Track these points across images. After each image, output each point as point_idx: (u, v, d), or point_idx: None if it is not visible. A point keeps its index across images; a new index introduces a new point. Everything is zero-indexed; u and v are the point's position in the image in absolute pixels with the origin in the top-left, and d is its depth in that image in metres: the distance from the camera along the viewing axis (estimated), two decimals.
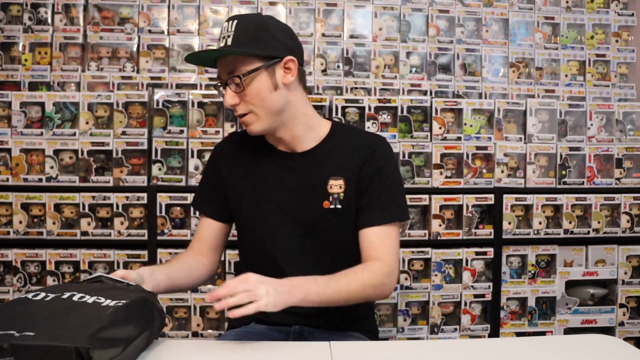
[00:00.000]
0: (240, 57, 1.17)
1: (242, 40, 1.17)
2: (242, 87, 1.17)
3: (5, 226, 1.96)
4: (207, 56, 1.28)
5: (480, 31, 2.36)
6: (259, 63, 1.18)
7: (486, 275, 2.12)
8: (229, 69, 1.18)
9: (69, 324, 0.84)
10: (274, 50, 1.20)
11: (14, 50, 2.19)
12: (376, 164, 1.27)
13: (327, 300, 1.12)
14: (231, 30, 1.18)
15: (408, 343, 1.12)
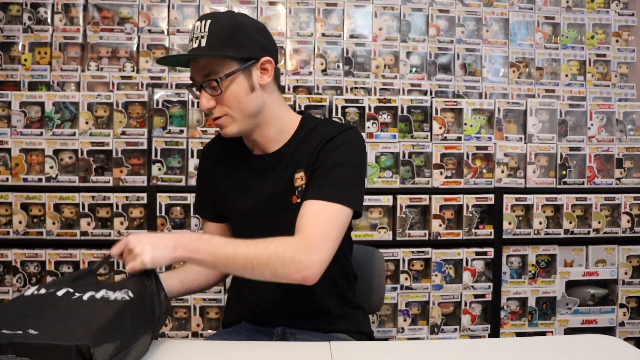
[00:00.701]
0: (216, 60, 1.12)
1: (217, 41, 1.11)
2: (220, 91, 1.13)
3: (5, 226, 1.96)
4: (181, 58, 1.21)
5: (480, 31, 2.36)
6: (236, 65, 1.13)
7: (486, 276, 2.12)
8: (204, 72, 1.13)
9: (72, 321, 0.84)
10: (249, 51, 1.14)
11: (13, 50, 2.19)
12: (330, 148, 1.19)
13: (222, 262, 1.06)
14: (204, 31, 1.11)
15: (408, 343, 1.12)
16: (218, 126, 1.20)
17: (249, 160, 1.28)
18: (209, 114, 1.18)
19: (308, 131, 1.24)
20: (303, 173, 1.20)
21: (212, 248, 1.06)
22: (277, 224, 1.19)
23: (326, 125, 1.27)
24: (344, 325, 1.29)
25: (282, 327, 1.26)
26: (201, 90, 1.14)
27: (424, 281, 2.08)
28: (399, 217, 2.06)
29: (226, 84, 1.13)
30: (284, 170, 1.23)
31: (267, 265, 1.04)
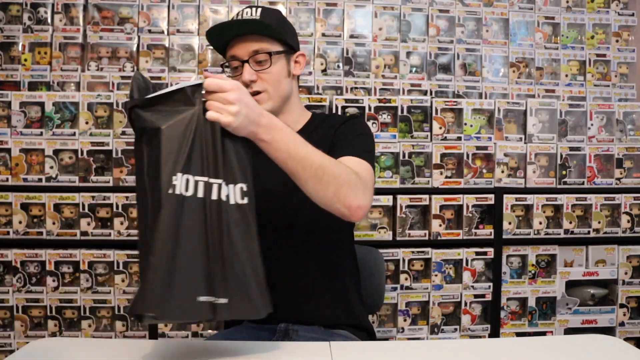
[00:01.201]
0: (266, 38, 1.23)
1: (269, 25, 1.23)
2: (269, 64, 1.23)
3: (4, 226, 1.96)
4: (240, 27, 1.25)
5: (480, 31, 2.36)
6: (282, 48, 1.26)
7: (486, 276, 2.12)
8: (254, 47, 1.22)
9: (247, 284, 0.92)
10: (292, 41, 1.30)
11: (13, 50, 2.19)
12: (347, 126, 1.31)
13: (296, 158, 1.03)
14: (256, 15, 1.24)
15: (408, 343, 1.12)
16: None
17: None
18: (248, 87, 1.22)
19: (319, 122, 1.36)
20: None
21: (292, 143, 1.03)
22: (292, 204, 1.23)
23: (336, 115, 1.47)
24: (346, 321, 1.31)
25: (285, 324, 1.26)
26: (244, 65, 1.23)
27: (424, 281, 2.08)
28: (399, 217, 2.06)
29: (274, 60, 1.24)
30: None
31: (335, 179, 1.05)
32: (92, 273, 1.98)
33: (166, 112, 0.91)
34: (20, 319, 1.96)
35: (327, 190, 1.05)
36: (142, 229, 0.96)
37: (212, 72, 2.22)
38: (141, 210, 0.96)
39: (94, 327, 1.99)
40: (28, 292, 1.96)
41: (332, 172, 1.05)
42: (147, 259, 0.90)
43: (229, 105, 0.94)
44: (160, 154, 0.89)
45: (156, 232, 0.89)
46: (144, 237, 0.94)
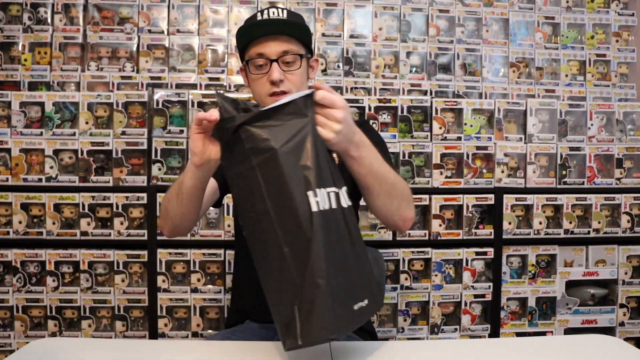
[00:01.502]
0: (294, 40, 1.26)
1: (297, 27, 1.26)
2: (297, 66, 1.25)
3: (4, 226, 1.96)
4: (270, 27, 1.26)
5: (480, 31, 2.36)
6: (305, 51, 1.28)
7: (486, 276, 2.12)
8: (283, 48, 1.24)
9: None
10: (311, 46, 1.32)
11: (13, 50, 2.19)
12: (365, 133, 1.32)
13: (375, 174, 1.07)
14: (283, 16, 1.26)
15: (408, 343, 1.12)
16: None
17: None
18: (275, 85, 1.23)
19: None
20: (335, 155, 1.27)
21: (375, 160, 1.06)
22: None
23: None
24: None
25: None
26: (272, 64, 1.24)
27: (424, 281, 2.08)
28: None
29: (302, 62, 1.27)
30: None
31: (401, 194, 1.13)
32: (92, 273, 1.98)
33: (277, 126, 0.87)
34: (20, 319, 1.96)
35: (392, 204, 1.13)
36: (273, 259, 0.86)
37: (212, 70, 2.22)
38: (261, 239, 0.87)
39: (94, 327, 1.99)
40: (28, 292, 1.96)
41: (399, 188, 1.13)
42: (307, 286, 0.82)
43: (335, 122, 0.94)
44: (283, 174, 0.84)
45: (314, 255, 0.82)
46: (281, 265, 0.84)
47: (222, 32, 2.26)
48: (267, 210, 0.84)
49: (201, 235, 2.00)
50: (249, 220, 0.88)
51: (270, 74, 1.23)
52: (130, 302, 1.99)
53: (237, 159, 0.88)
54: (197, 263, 1.99)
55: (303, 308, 0.82)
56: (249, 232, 0.89)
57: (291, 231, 0.83)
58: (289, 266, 0.83)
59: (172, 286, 1.99)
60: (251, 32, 1.26)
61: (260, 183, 0.85)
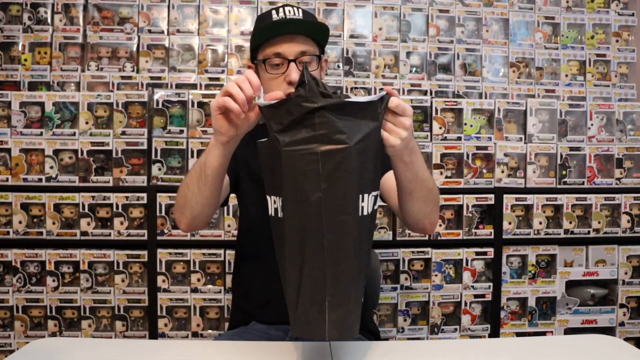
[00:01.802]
0: (311, 41, 1.25)
1: (315, 27, 1.25)
2: (316, 67, 1.25)
3: (4, 226, 1.96)
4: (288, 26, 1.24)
5: (480, 31, 2.36)
6: (319, 52, 1.27)
7: (486, 276, 2.12)
8: (301, 49, 1.23)
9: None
10: (325, 46, 1.31)
11: (13, 50, 2.19)
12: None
13: (420, 179, 1.09)
14: (299, 15, 1.25)
15: (408, 343, 1.12)
16: None
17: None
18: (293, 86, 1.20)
19: None
20: None
21: (422, 166, 1.08)
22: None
23: None
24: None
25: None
26: (290, 65, 1.22)
27: (424, 281, 2.08)
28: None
29: (318, 64, 1.26)
30: None
31: (434, 199, 1.16)
32: (92, 273, 1.98)
33: (351, 122, 0.85)
34: (20, 319, 1.96)
35: (427, 208, 1.15)
36: (310, 247, 0.85)
37: (212, 70, 2.22)
38: (300, 226, 0.86)
39: (94, 327, 1.99)
40: (28, 292, 1.96)
41: (434, 194, 1.15)
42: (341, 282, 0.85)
43: (402, 129, 0.95)
44: (346, 172, 0.83)
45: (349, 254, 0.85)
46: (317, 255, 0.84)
47: (222, 32, 2.26)
48: (319, 200, 0.83)
49: (201, 235, 2.00)
50: (293, 204, 0.86)
51: (289, 74, 1.21)
52: (130, 302, 1.99)
53: (301, 139, 0.85)
54: (197, 263, 1.99)
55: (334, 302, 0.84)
56: (289, 213, 0.86)
57: (336, 227, 0.84)
58: (325, 258, 0.83)
59: (172, 286, 1.99)
60: (269, 31, 1.24)
61: (320, 171, 0.83)
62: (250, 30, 2.24)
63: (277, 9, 1.26)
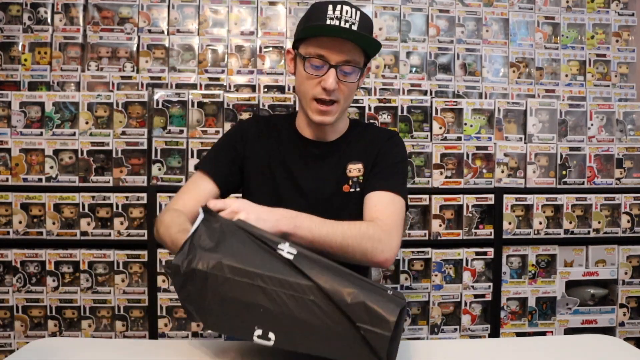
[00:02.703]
0: (358, 50, 1.18)
1: (367, 39, 1.18)
2: (355, 79, 1.19)
3: (4, 226, 1.96)
4: (339, 31, 1.17)
5: (480, 31, 2.36)
6: (365, 61, 1.21)
7: (486, 276, 2.12)
8: (347, 57, 1.17)
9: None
10: (372, 56, 1.26)
11: (13, 50, 2.19)
12: (390, 147, 1.32)
13: (320, 239, 1.08)
14: (356, 19, 1.16)
15: (408, 343, 1.11)
16: (324, 112, 1.22)
17: (301, 144, 1.33)
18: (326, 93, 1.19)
19: (360, 130, 1.37)
20: (361, 165, 1.29)
21: (312, 225, 1.07)
22: (322, 207, 1.24)
23: (376, 127, 1.47)
24: None
25: None
26: (330, 70, 1.16)
27: (424, 281, 2.08)
28: None
29: (359, 75, 1.21)
30: (339, 160, 1.30)
31: (360, 244, 1.11)
32: (92, 273, 1.98)
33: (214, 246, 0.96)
34: (20, 319, 1.96)
35: (355, 256, 1.12)
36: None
37: (212, 70, 2.22)
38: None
39: (94, 327, 1.99)
40: (28, 292, 1.96)
41: (354, 241, 1.10)
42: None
43: (236, 213, 1.02)
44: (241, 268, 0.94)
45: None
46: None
47: (222, 32, 2.26)
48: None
49: None
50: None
51: (325, 80, 1.17)
52: (130, 302, 1.99)
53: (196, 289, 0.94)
54: None
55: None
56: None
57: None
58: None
59: (172, 286, 1.99)
60: (320, 29, 1.17)
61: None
62: (250, 31, 2.25)
63: (335, 5, 1.17)
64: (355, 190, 1.29)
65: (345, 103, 1.25)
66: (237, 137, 1.36)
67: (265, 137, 1.35)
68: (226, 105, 2.04)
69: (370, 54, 1.22)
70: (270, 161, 1.32)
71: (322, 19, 1.16)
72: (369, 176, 1.30)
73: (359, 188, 1.29)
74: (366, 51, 1.21)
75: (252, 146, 1.34)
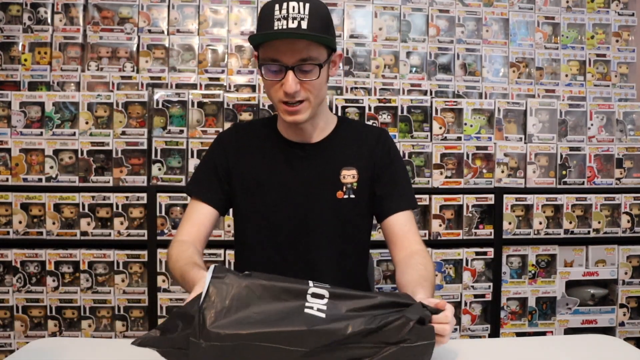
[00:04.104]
0: (314, 45, 1.11)
1: (319, 26, 1.10)
2: (316, 76, 1.12)
3: (4, 226, 1.96)
4: (286, 36, 1.12)
5: (480, 31, 2.36)
6: (327, 54, 1.15)
7: (486, 276, 2.12)
8: (302, 55, 1.10)
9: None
10: (335, 42, 1.18)
11: (13, 50, 2.19)
12: (388, 154, 1.29)
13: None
14: (304, 13, 1.09)
15: None
16: (293, 112, 1.16)
17: (283, 145, 1.27)
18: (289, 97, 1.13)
19: (348, 128, 1.31)
20: (355, 171, 1.25)
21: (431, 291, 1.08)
22: (314, 214, 1.22)
23: (364, 125, 1.40)
24: None
25: None
26: (288, 72, 1.11)
27: None
28: None
29: (322, 71, 1.14)
30: (328, 162, 1.25)
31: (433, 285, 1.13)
32: (92, 273, 1.98)
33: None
34: (20, 319, 1.96)
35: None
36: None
37: (212, 70, 2.22)
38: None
39: (94, 327, 1.99)
40: (28, 292, 1.96)
41: (434, 281, 1.15)
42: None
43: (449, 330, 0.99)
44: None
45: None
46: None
47: (222, 32, 2.26)
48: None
49: None
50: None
51: (285, 84, 1.11)
52: (130, 302, 1.99)
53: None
54: None
55: None
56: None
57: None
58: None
59: (172, 286, 1.99)
60: (264, 37, 1.12)
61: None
62: (250, 31, 2.25)
63: (281, 4, 1.11)
64: (350, 197, 1.24)
65: (316, 99, 1.17)
66: (219, 153, 1.31)
67: (246, 147, 1.30)
68: (226, 105, 2.04)
69: (327, 42, 1.14)
70: (256, 171, 1.28)
71: (270, 21, 1.11)
72: (378, 189, 1.26)
73: (353, 195, 1.25)
74: (324, 42, 1.13)
75: (235, 159, 1.29)
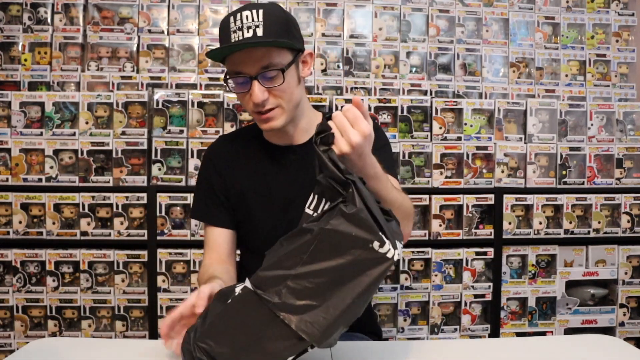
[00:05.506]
0: (274, 50, 1.10)
1: (275, 31, 1.09)
2: (281, 81, 1.11)
3: (4, 226, 1.96)
4: (232, 48, 1.12)
5: (480, 31, 2.36)
6: (290, 57, 1.13)
7: (486, 276, 2.12)
8: (263, 63, 1.09)
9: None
10: (299, 43, 1.17)
11: (13, 50, 2.19)
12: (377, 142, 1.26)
13: (387, 198, 1.01)
14: (259, 20, 1.09)
15: (408, 343, 1.11)
16: (266, 119, 1.16)
17: (271, 151, 1.27)
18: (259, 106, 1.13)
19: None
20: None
21: (386, 190, 1.01)
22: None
23: None
24: (363, 326, 1.33)
25: None
26: (252, 82, 1.10)
27: (424, 281, 2.08)
28: None
29: (287, 74, 1.11)
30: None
31: (406, 215, 1.08)
32: (92, 273, 1.98)
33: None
34: (20, 319, 1.96)
35: (409, 223, 1.12)
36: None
37: (212, 70, 2.22)
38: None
39: (94, 327, 1.99)
40: (28, 292, 1.96)
41: (404, 209, 1.07)
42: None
43: (353, 134, 0.94)
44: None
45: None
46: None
47: None
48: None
49: (201, 235, 1.99)
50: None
51: (252, 96, 1.11)
52: (130, 302, 1.99)
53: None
54: (197, 263, 1.99)
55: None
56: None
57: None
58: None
59: (172, 286, 1.99)
60: (220, 52, 1.11)
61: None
62: None
63: (235, 15, 1.10)
64: None
65: (289, 103, 1.15)
66: (211, 171, 1.31)
67: (235, 158, 1.30)
68: (226, 105, 2.04)
69: (288, 45, 1.12)
70: (248, 180, 1.28)
71: (227, 34, 1.11)
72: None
73: None
74: (286, 45, 1.12)
75: (227, 172, 1.30)
